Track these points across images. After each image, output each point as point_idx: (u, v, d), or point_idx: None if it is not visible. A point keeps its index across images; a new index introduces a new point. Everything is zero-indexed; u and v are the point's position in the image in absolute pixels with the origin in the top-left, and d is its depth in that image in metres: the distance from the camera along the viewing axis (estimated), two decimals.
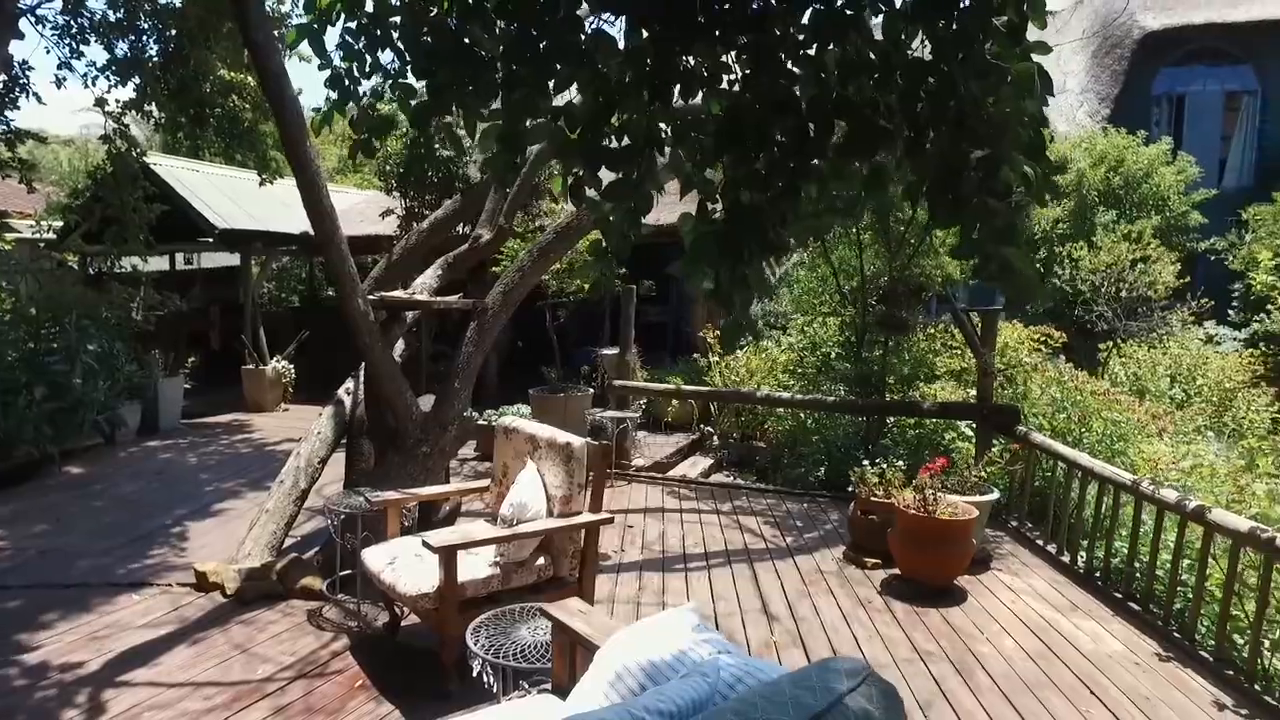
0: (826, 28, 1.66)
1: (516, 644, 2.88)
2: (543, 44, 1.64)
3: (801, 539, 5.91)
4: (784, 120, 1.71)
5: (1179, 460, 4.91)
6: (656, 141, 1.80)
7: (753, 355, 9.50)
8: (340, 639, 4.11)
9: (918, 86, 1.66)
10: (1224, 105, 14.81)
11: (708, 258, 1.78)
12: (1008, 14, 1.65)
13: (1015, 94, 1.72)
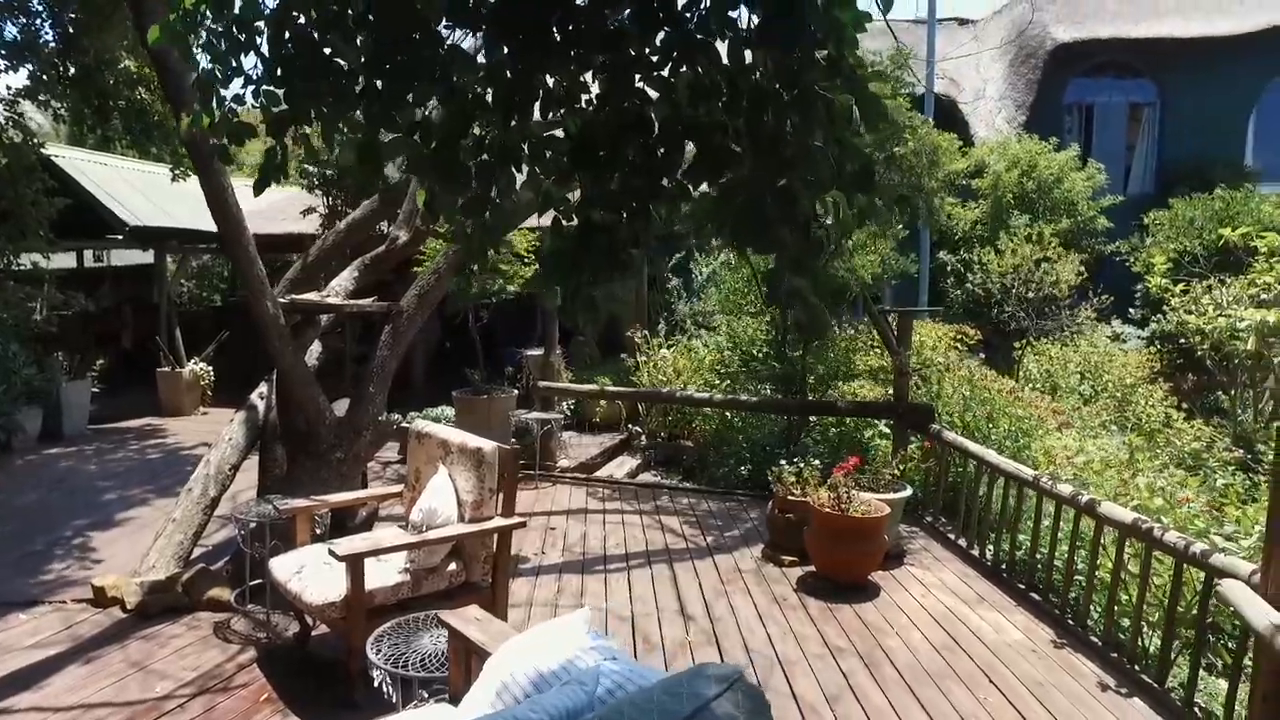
0: (678, 50, 1.68)
1: (418, 653, 2.85)
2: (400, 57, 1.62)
3: (722, 538, 5.98)
4: (635, 140, 1.73)
5: (1073, 456, 5.13)
6: (513, 158, 1.80)
7: (680, 355, 9.57)
8: (248, 651, 4.00)
9: (761, 112, 1.70)
10: (1128, 116, 15.53)
11: (556, 275, 1.79)
12: (828, 47, 1.70)
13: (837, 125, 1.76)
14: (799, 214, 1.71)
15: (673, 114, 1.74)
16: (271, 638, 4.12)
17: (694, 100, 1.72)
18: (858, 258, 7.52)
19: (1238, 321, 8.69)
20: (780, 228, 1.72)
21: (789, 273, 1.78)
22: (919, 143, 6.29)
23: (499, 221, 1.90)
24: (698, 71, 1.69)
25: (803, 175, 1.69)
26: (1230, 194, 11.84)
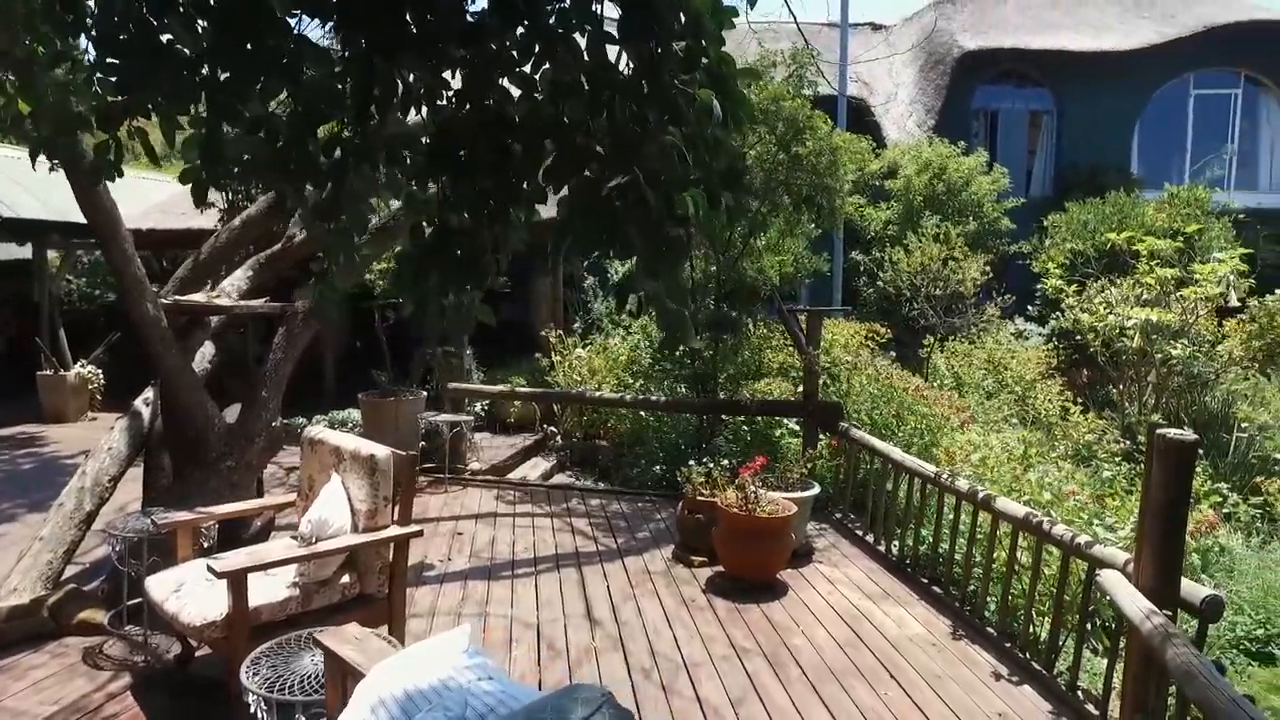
0: (540, 45, 1.61)
1: (298, 674, 2.70)
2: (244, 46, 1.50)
3: (633, 539, 5.94)
4: (495, 140, 1.64)
5: (971, 454, 5.28)
6: (368, 159, 1.69)
7: (595, 354, 9.50)
8: (121, 678, 3.74)
9: (622, 109, 1.64)
10: (1029, 122, 16.20)
11: (408, 281, 1.70)
12: (686, 39, 1.65)
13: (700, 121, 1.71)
14: (650, 214, 1.65)
15: (533, 112, 1.66)
16: (150, 661, 3.87)
17: (555, 98, 1.65)
18: (767, 258, 7.59)
19: (1125, 320, 9.16)
20: (629, 229, 1.66)
21: (644, 276, 1.72)
22: (819, 143, 6.37)
23: (358, 226, 1.78)
24: (560, 68, 1.62)
25: (651, 173, 1.63)
26: (1119, 199, 12.45)
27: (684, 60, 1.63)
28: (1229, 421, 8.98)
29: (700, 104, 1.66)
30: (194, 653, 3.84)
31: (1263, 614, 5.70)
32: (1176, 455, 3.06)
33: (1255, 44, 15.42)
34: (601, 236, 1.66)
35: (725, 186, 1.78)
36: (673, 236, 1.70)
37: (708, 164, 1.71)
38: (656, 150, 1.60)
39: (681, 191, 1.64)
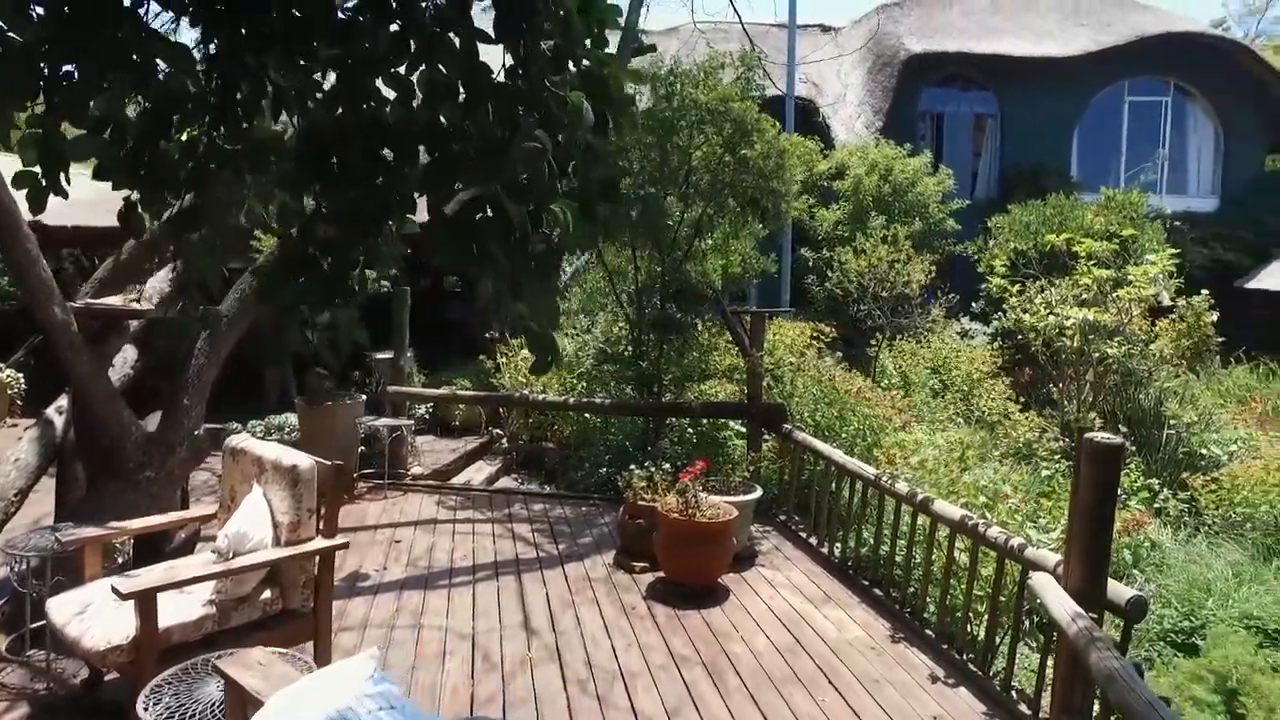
0: (415, 44, 1.51)
1: (201, 702, 2.55)
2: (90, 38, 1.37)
3: (574, 545, 5.84)
4: (367, 146, 1.54)
5: (909, 456, 5.30)
6: (231, 165, 1.58)
7: None
8: (19, 708, 3.53)
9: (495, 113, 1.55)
10: (974, 125, 16.50)
11: (266, 297, 1.59)
12: (555, 39, 1.57)
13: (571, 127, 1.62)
14: (512, 228, 1.56)
15: (408, 116, 1.56)
16: (53, 688, 3.66)
17: (431, 101, 1.55)
18: (711, 260, 7.55)
19: (1064, 320, 9.35)
20: (491, 243, 1.57)
21: (508, 295, 1.62)
22: (766, 146, 6.35)
23: (225, 237, 1.65)
24: (436, 69, 1.52)
25: (516, 183, 1.54)
26: (1059, 201, 12.73)
27: (552, 60, 1.54)
28: (1160, 419, 9.22)
29: (571, 107, 1.57)
30: (103, 676, 3.64)
31: (1188, 607, 5.84)
32: (1102, 459, 3.07)
33: (1183, 55, 15.94)
34: (464, 251, 1.56)
35: (602, 197, 1.69)
36: (539, 253, 1.60)
37: (585, 173, 1.62)
38: (522, 157, 1.50)
39: (549, 203, 1.54)
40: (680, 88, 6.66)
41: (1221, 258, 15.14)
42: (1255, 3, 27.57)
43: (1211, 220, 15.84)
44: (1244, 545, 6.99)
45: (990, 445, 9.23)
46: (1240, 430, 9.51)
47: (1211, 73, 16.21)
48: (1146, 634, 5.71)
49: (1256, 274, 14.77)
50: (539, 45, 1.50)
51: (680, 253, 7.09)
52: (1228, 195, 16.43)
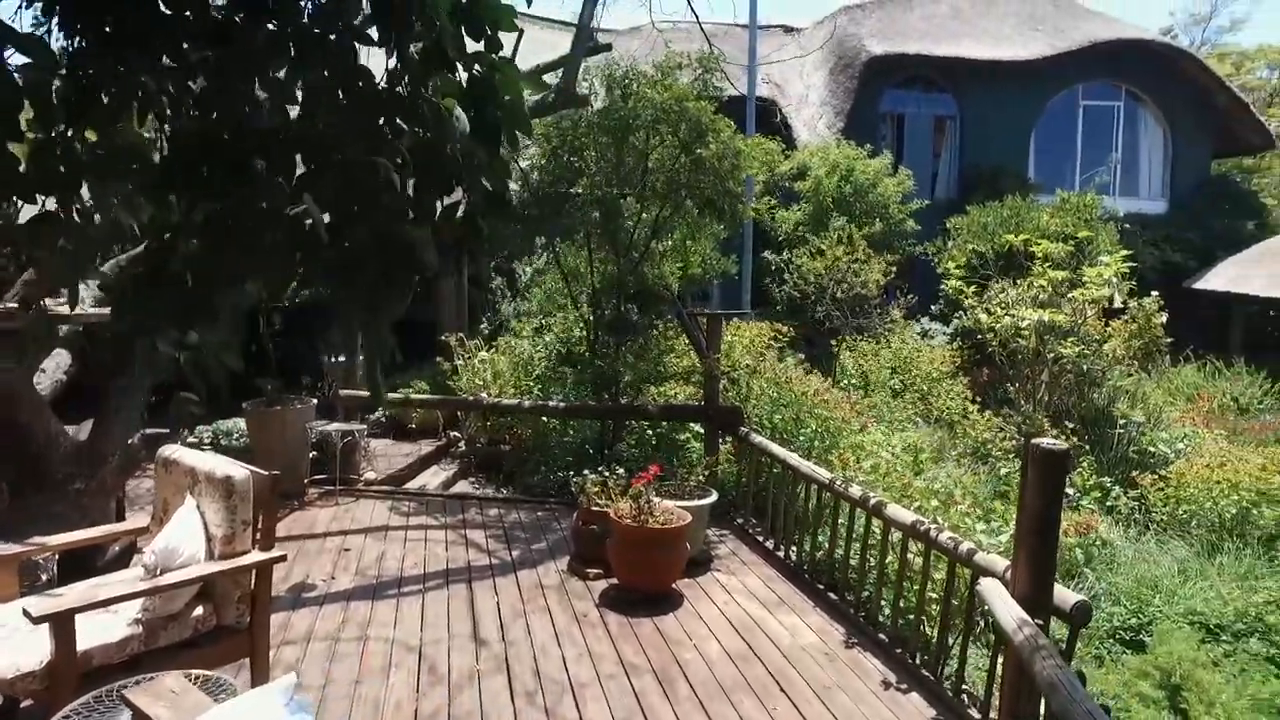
0: (294, 46, 1.41)
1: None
2: None
3: (528, 551, 5.75)
4: (238, 154, 1.44)
5: (862, 461, 5.29)
6: (92, 172, 1.47)
7: (500, 356, 9.26)
8: None
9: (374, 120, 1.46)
10: (934, 127, 16.66)
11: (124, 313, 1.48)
12: (424, 40, 1.49)
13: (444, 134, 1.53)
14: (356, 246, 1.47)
15: (284, 123, 1.46)
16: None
17: (309, 107, 1.45)
18: (668, 263, 7.50)
19: (1020, 321, 9.45)
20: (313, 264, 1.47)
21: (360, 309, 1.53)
22: (721, 146, 6.31)
23: (84, 246, 1.54)
24: (316, 73, 1.42)
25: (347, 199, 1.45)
26: (1016, 203, 12.89)
27: (422, 64, 1.45)
28: (1111, 418, 9.37)
29: (443, 112, 1.49)
30: (19, 703, 3.47)
31: (1136, 604, 5.93)
32: (1048, 465, 3.07)
33: (1133, 61, 16.28)
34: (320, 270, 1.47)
35: (487, 211, 1.60)
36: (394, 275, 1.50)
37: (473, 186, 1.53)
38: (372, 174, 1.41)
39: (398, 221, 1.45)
40: (636, 88, 6.59)
41: (1170, 259, 15.47)
42: (1200, 12, 28.32)
43: (1161, 222, 16.20)
44: (1190, 542, 7.13)
45: (949, 445, 9.33)
46: (1187, 428, 9.71)
47: (1160, 79, 16.57)
48: (1096, 632, 5.79)
49: (1203, 275, 15.12)
50: (408, 48, 1.41)
51: (637, 254, 7.03)
52: (1176, 198, 16.81)
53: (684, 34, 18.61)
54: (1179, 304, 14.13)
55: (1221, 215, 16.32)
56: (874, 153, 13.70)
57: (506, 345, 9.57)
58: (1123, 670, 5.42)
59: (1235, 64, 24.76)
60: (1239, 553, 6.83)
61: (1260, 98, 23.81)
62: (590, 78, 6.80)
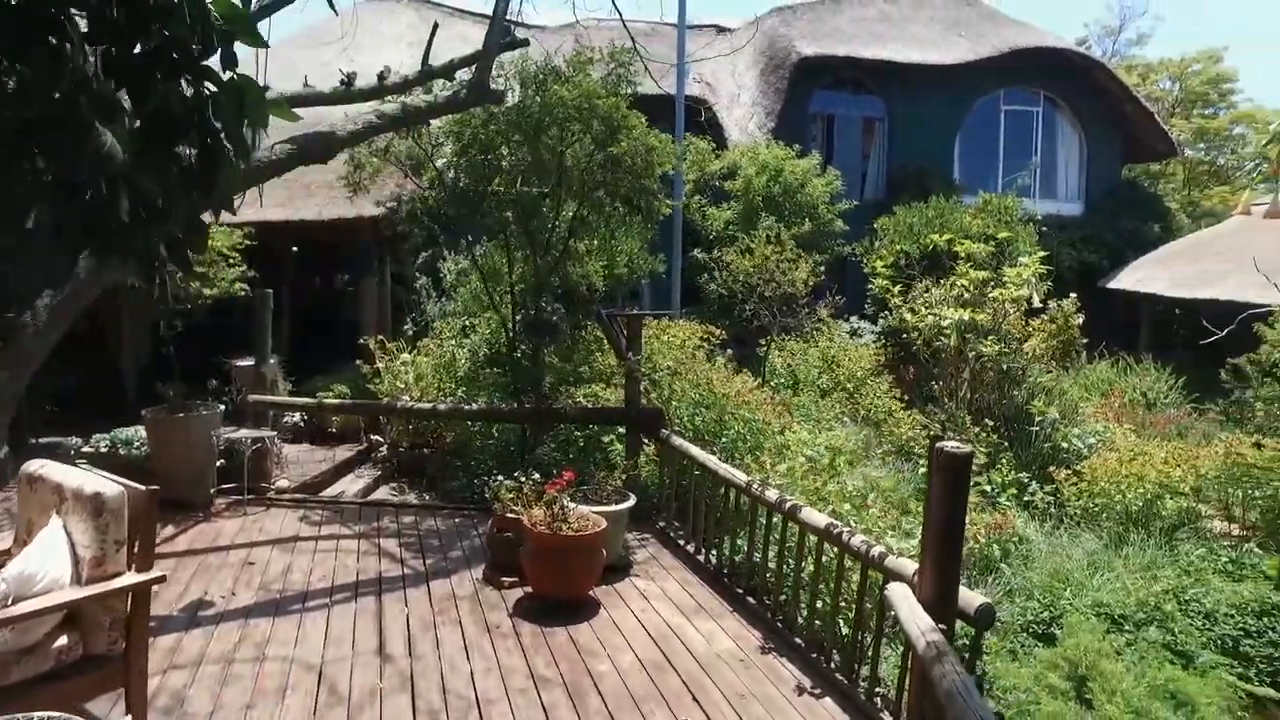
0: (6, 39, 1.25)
1: None
2: None
3: (443, 560, 5.57)
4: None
5: (776, 464, 5.27)
6: None
7: (423, 358, 9.02)
8: None
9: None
10: (863, 128, 16.92)
11: None
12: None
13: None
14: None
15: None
16: None
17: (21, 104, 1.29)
18: (592, 262, 7.39)
19: (942, 320, 9.63)
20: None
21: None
22: (633, 143, 6.21)
23: None
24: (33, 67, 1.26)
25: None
26: (941, 204, 13.16)
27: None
28: (1031, 415, 9.62)
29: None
30: None
31: (1048, 598, 6.06)
32: (952, 469, 3.06)
33: (1050, 69, 16.84)
34: None
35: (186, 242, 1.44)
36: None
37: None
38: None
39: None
40: (549, 84, 6.47)
41: (1086, 259, 16.03)
42: (1111, 25, 29.59)
43: (1078, 224, 16.77)
44: (1100, 534, 7.34)
45: (875, 443, 9.44)
46: (1100, 424, 10.03)
47: (1075, 87, 17.16)
48: (1011, 626, 5.89)
49: (1115, 275, 15.70)
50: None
51: (557, 253, 6.90)
52: (1091, 201, 17.42)
53: (616, 31, 18.58)
54: (1094, 303, 14.67)
55: (1131, 218, 16.99)
56: (803, 153, 13.80)
57: (430, 346, 9.33)
58: (1034, 663, 5.53)
59: (1141, 75, 25.85)
60: (1144, 543, 7.06)
61: (1164, 108, 24.93)
62: (505, 73, 6.65)
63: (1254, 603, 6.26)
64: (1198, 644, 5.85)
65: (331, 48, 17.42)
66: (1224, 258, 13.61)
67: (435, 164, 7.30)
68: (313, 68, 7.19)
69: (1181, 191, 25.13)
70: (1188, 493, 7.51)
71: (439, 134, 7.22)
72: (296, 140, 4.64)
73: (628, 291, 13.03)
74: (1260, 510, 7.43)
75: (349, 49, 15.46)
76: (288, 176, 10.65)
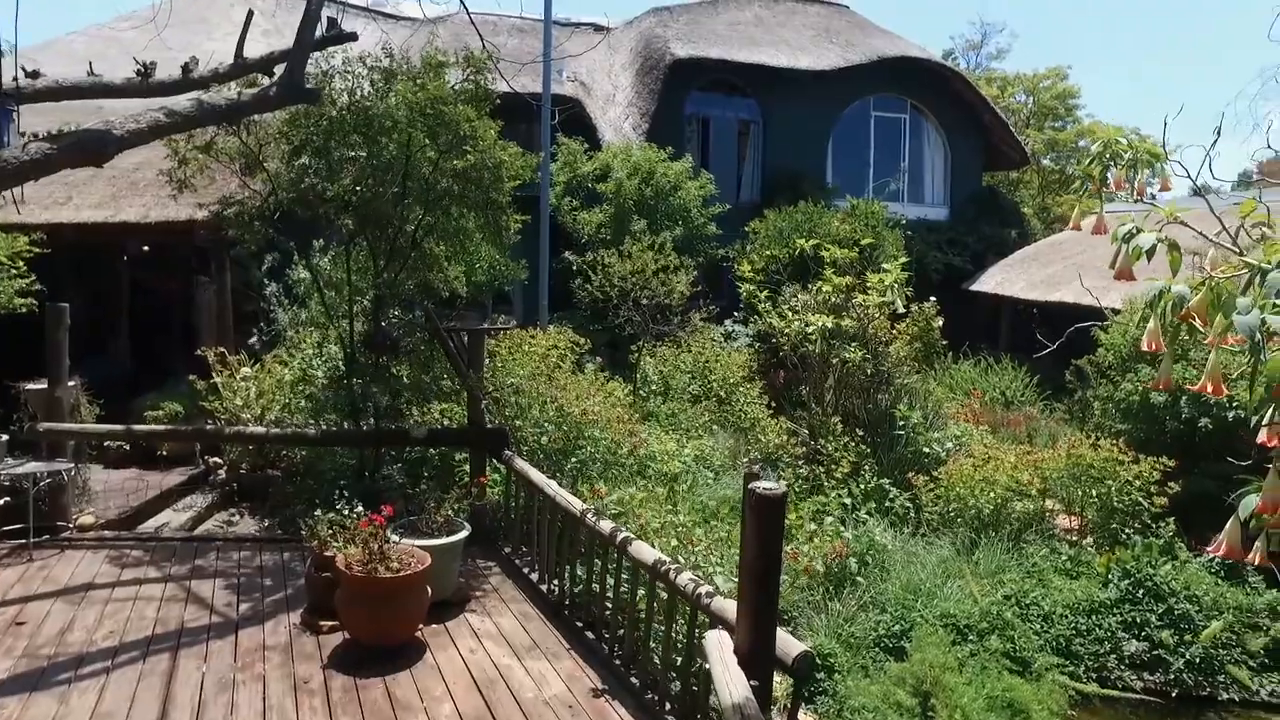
0: None
1: None
2: None
3: (262, 604, 5.05)
4: None
5: (611, 492, 5.04)
6: None
7: (264, 375, 8.36)
8: None
9: None
10: (738, 130, 17.02)
11: None
12: None
13: None
14: None
15: None
16: None
17: None
18: (446, 270, 6.95)
19: (807, 326, 9.67)
20: None
21: None
22: (479, 156, 5.83)
23: None
24: None
25: None
26: (810, 208, 13.30)
27: None
28: (894, 419, 9.78)
29: None
30: None
31: (900, 610, 6.08)
32: (766, 511, 2.87)
33: (916, 78, 17.44)
34: None
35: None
36: None
37: None
38: None
39: None
40: (388, 84, 6.02)
41: (952, 262, 16.65)
42: (974, 39, 31.22)
43: (944, 228, 17.40)
44: (954, 539, 7.48)
45: (743, 452, 9.38)
46: (959, 426, 10.32)
47: (939, 96, 17.81)
48: (864, 641, 5.86)
49: (978, 278, 16.37)
50: None
51: (401, 261, 6.43)
52: (955, 206, 18.13)
53: (491, 26, 18.02)
54: (960, 305, 15.28)
55: (992, 223, 17.78)
56: (676, 155, 13.68)
57: (279, 359, 8.65)
58: (884, 679, 5.52)
59: (1000, 88, 27.23)
60: (993, 547, 7.23)
61: (1019, 119, 26.37)
62: (352, 70, 6.15)
63: (1085, 601, 6.49)
64: (1035, 648, 6.00)
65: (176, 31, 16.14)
66: (1069, 263, 14.37)
67: (265, 165, 6.69)
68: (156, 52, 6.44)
69: (1036, 198, 26.62)
70: (1034, 494, 7.75)
71: (271, 133, 6.63)
72: (62, 139, 4.05)
73: (494, 296, 12.59)
74: (1095, 507, 7.74)
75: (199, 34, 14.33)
76: (112, 172, 9.71)
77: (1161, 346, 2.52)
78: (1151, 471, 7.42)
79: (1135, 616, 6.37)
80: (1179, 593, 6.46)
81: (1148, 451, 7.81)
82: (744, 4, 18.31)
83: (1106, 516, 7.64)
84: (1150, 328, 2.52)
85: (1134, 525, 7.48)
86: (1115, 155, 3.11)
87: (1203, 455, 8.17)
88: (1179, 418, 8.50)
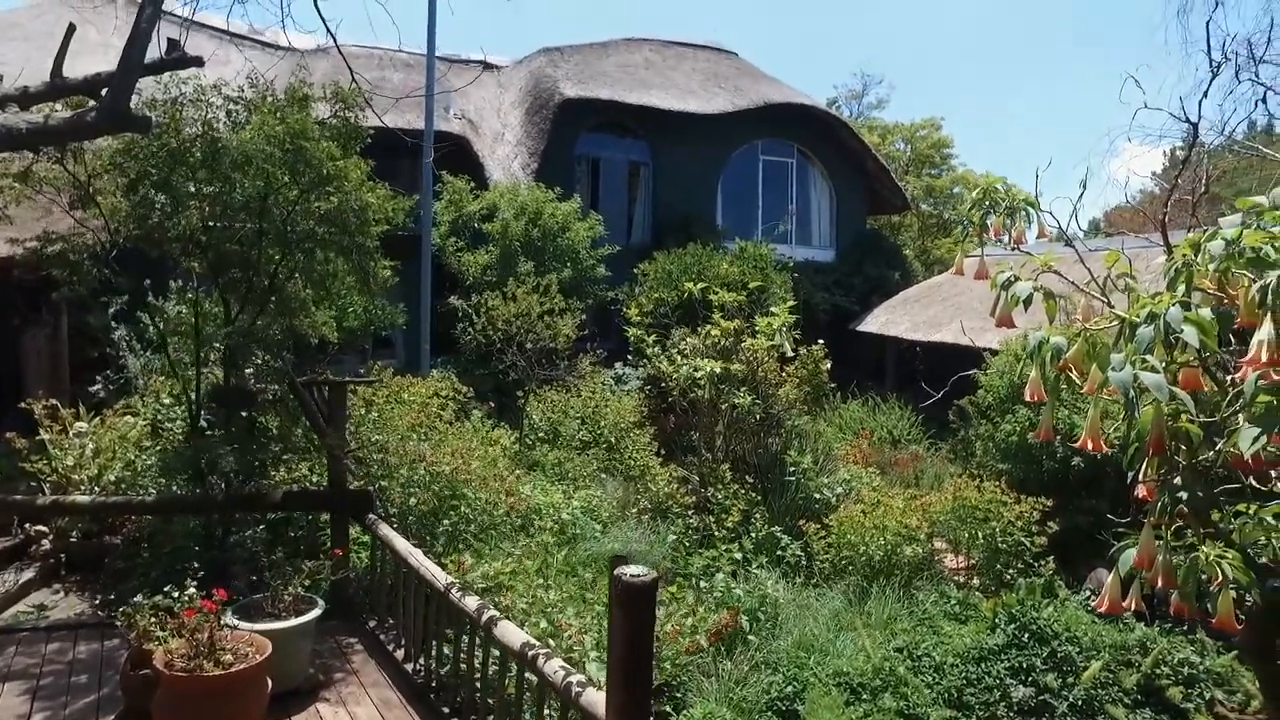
0: None
1: None
2: None
3: (63, 714, 4.33)
4: None
5: (477, 565, 4.62)
6: None
7: (104, 430, 7.50)
8: None
9: None
10: (629, 172, 17.02)
11: None
12: None
13: None
14: None
15: None
16: None
17: None
18: (316, 315, 6.40)
19: (696, 371, 9.51)
20: None
21: None
22: (344, 197, 5.38)
23: None
24: None
25: None
26: (699, 250, 13.30)
27: None
28: (785, 464, 9.70)
29: None
30: None
31: (792, 670, 5.85)
32: (633, 600, 2.55)
33: (802, 124, 17.96)
34: None
35: None
36: None
37: None
38: None
39: None
40: (249, 115, 5.52)
41: (839, 303, 17.04)
42: (856, 89, 32.74)
43: (831, 269, 17.84)
44: (846, 589, 7.36)
45: (633, 501, 9.06)
46: (849, 469, 10.34)
47: (823, 142, 18.39)
48: (756, 705, 5.59)
49: (864, 319, 16.80)
50: None
51: (257, 308, 5.86)
52: (841, 248, 18.65)
53: (377, 60, 17.47)
54: (847, 345, 15.61)
55: (876, 265, 18.35)
56: (566, 195, 13.47)
57: (129, 409, 7.78)
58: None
59: (881, 135, 28.55)
60: (885, 596, 7.14)
61: (899, 166, 27.66)
62: (185, 97, 5.60)
63: (974, 649, 6.45)
64: (928, 702, 5.87)
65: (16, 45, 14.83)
66: (948, 304, 14.92)
67: (98, 199, 6.02)
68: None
69: (916, 242, 27.86)
70: (923, 539, 7.75)
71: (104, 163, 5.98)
72: None
73: (375, 341, 11.94)
74: (981, 548, 7.81)
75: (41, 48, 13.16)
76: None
77: (1043, 396, 2.41)
78: (1032, 511, 7.55)
79: (1022, 661, 6.37)
80: (1060, 634, 6.51)
81: (1026, 490, 7.97)
82: (634, 47, 18.45)
83: (992, 556, 7.71)
84: (1032, 378, 2.42)
85: (1017, 565, 7.58)
86: (994, 202, 3.03)
87: (1075, 493, 8.43)
88: (1054, 457, 8.75)
